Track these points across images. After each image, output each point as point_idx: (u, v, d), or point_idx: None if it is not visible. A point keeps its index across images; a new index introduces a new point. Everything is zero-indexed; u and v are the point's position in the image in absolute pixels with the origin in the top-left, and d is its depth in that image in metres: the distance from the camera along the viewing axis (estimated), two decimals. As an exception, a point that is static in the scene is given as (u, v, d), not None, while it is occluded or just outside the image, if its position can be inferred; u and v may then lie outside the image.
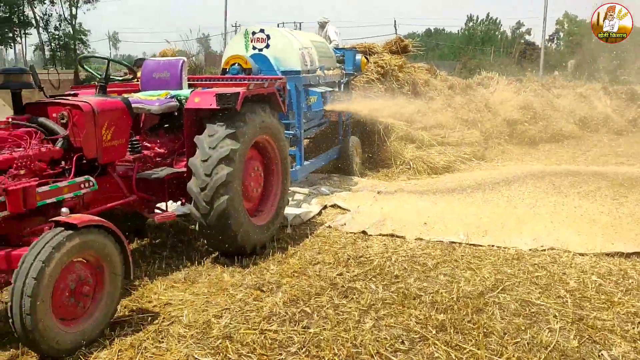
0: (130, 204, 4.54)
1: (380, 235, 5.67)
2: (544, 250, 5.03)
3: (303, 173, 7.29)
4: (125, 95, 5.03)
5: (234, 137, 4.62)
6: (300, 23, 8.83)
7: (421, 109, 9.76)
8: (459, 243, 5.32)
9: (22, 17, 51.03)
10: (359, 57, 8.78)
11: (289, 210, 6.06)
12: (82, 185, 3.83)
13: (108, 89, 5.10)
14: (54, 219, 3.25)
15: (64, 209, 3.26)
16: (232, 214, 4.61)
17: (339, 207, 6.81)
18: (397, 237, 5.59)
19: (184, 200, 5.08)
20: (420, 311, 3.80)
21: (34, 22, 51.80)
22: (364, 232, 5.74)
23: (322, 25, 10.08)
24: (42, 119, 3.93)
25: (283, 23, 8.65)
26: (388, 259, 4.91)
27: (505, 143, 11.10)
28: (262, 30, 7.08)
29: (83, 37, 56.67)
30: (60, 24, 53.59)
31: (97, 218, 3.38)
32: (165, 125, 5.21)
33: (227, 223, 4.62)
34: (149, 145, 5.05)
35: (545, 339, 3.40)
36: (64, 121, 3.94)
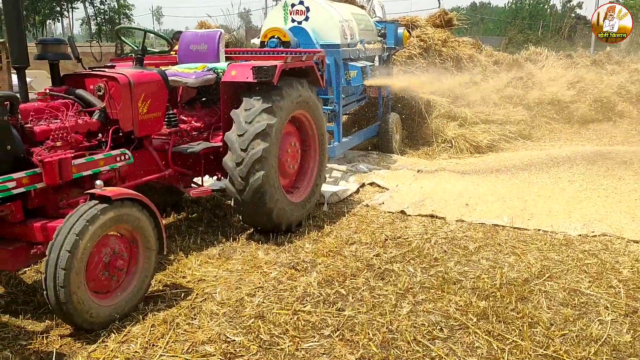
0: (166, 178, 4.50)
1: (419, 215, 5.49)
2: (595, 236, 4.76)
3: (341, 150, 7.14)
4: (163, 68, 4.98)
5: (270, 111, 4.50)
6: (340, -7, 8.49)
7: (465, 85, 9.40)
8: (503, 226, 5.09)
9: (68, -8, 52.14)
10: (400, 30, 8.47)
11: (326, 188, 5.94)
12: (118, 159, 3.80)
13: (146, 62, 5.06)
14: (88, 191, 3.22)
15: (98, 182, 3.23)
16: (267, 190, 4.52)
17: (378, 185, 6.65)
18: (437, 218, 5.40)
19: (219, 175, 5.01)
20: (461, 297, 3.63)
21: (80, -4, 52.87)
22: (402, 212, 5.57)
23: None
24: (79, 91, 3.90)
25: (324, -7, 8.35)
26: (427, 241, 4.74)
27: (553, 122, 10.59)
28: (301, 2, 6.87)
29: (127, 11, 57.61)
30: (105, -1, 54.58)
31: (131, 191, 3.33)
32: (203, 99, 5.13)
33: (262, 199, 4.53)
34: (185, 118, 4.98)
35: (596, 332, 3.19)
36: (101, 93, 3.90)
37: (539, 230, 4.96)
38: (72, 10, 54.00)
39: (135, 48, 4.54)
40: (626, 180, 5.88)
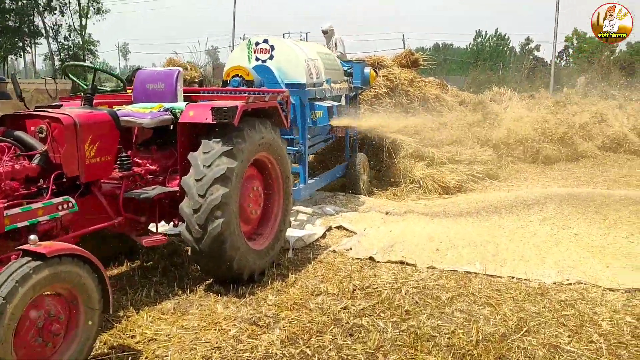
0: (117, 226, 4.15)
1: (388, 262, 5.24)
2: (570, 284, 4.58)
3: (307, 192, 6.89)
4: (116, 108, 4.69)
5: (231, 154, 4.23)
6: (307, 33, 8.40)
7: (432, 125, 9.36)
8: (475, 273, 4.89)
9: (32, 27, 51.38)
10: (367, 70, 8.40)
11: (291, 233, 5.65)
12: (60, 207, 3.45)
13: (99, 101, 4.77)
14: (21, 247, 2.85)
15: (31, 236, 2.86)
16: (227, 238, 4.21)
17: (345, 229, 6.40)
18: (408, 264, 5.16)
19: (176, 222, 4.68)
20: (435, 357, 3.36)
21: (43, 32, 52.15)
22: (371, 258, 5.32)
23: (326, 33, 9.70)
24: (18, 133, 3.57)
25: (289, 33, 8.27)
26: (398, 291, 4.48)
27: (519, 162, 10.67)
28: (265, 41, 6.72)
29: (92, 47, 57.01)
30: (69, 34, 53.99)
31: (70, 246, 2.99)
32: (159, 141, 4.83)
33: (221, 248, 4.22)
34: (140, 161, 4.66)
35: (581, 396, 2.96)
36: (43, 135, 3.58)
37: (512, 277, 4.77)
38: (35, 46, 53.13)
39: (85, 87, 4.25)
40: (597, 223, 5.80)
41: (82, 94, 4.30)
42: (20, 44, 51.42)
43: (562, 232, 5.72)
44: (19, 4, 49.54)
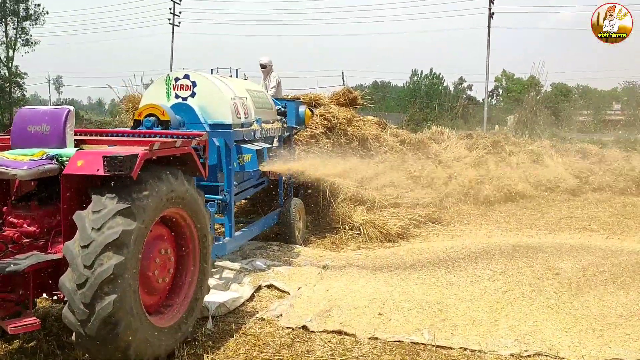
0: (-29, 309, 3.21)
1: (324, 331, 4.52)
2: (530, 356, 4.01)
3: (233, 246, 6.10)
4: (-14, 154, 3.79)
5: (128, 213, 3.42)
6: (237, 69, 7.75)
7: (371, 167, 8.85)
8: (424, 345, 4.24)
9: (-47, 58, 48.34)
10: (302, 109, 7.81)
11: (211, 297, 4.84)
12: None
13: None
14: None
15: None
16: (121, 320, 3.36)
17: (276, 288, 5.63)
18: (347, 334, 4.45)
19: (61, 296, 3.76)
20: None
21: (-35, 62, 49.16)
22: (304, 328, 4.58)
23: (265, 67, 9.10)
24: None
25: (217, 68, 7.59)
26: (334, 373, 3.75)
27: (460, 203, 10.29)
28: (186, 76, 5.98)
29: (19, 79, 54.22)
30: (-6, 66, 51.17)
31: None
32: (42, 195, 3.95)
33: (114, 332, 3.36)
34: (15, 221, 3.77)
35: None
36: None
37: (465, 349, 4.15)
38: (-43, 77, 49.82)
39: None
40: (549, 279, 5.32)
41: None
42: (-61, 74, 48.13)
43: (513, 289, 5.19)
44: (-61, 33, 46.65)
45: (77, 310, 3.32)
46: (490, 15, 37.74)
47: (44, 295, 3.88)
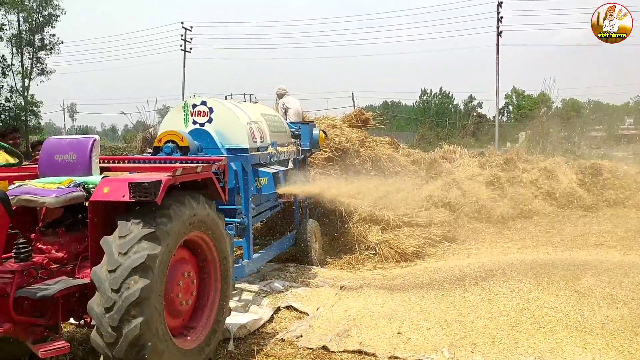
0: (5, 333, 3.31)
1: (345, 351, 4.56)
2: (551, 374, 4.02)
3: (252, 268, 6.17)
4: (16, 184, 3.94)
5: (153, 238, 3.53)
6: (250, 95, 7.95)
7: (385, 187, 8.92)
8: (444, 363, 4.26)
9: (-30, 88, 49.50)
10: (316, 131, 7.94)
11: (232, 319, 4.90)
12: None
13: (2, 175, 4.03)
14: None
15: None
16: (148, 342, 3.43)
17: (295, 309, 5.69)
18: (367, 354, 4.49)
19: (89, 320, 3.86)
20: None
21: (-17, 93, 50.25)
22: (324, 348, 4.62)
23: (280, 96, 9.30)
24: None
25: (231, 95, 7.77)
26: (356, 393, 3.79)
27: (475, 221, 10.29)
28: (203, 103, 6.15)
29: (35, 108, 55.29)
30: (11, 96, 52.26)
31: None
32: (69, 221, 4.08)
33: (141, 354, 3.42)
34: (44, 247, 3.89)
35: None
36: None
37: (486, 367, 4.16)
38: (-27, 107, 50.93)
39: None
40: (566, 295, 5.31)
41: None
42: (-44, 105, 49.24)
43: (532, 306, 5.19)
44: (-42, 64, 47.91)
45: (105, 334, 3.40)
46: (499, 34, 38.01)
47: (71, 319, 3.97)
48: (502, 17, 38.06)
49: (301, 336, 4.89)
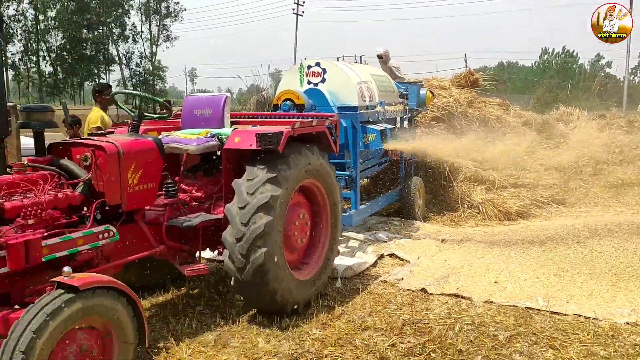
0: (159, 255, 4.10)
1: (442, 294, 4.93)
2: (646, 325, 4.11)
3: (358, 218, 6.68)
4: (165, 134, 4.70)
5: (275, 181, 4.11)
6: (361, 56, 8.29)
7: (492, 148, 8.93)
8: (537, 310, 4.49)
9: (106, 55, 54.53)
10: (423, 91, 8.15)
11: (340, 261, 5.46)
12: (101, 236, 3.43)
13: (149, 127, 4.81)
14: (54, 279, 2.82)
15: (65, 268, 2.83)
16: (270, 269, 4.06)
17: (397, 257, 6.13)
18: (463, 298, 4.83)
19: (221, 250, 4.60)
20: (489, 408, 3.04)
21: (117, 59, 55.18)
22: (423, 290, 5.02)
23: (381, 58, 9.52)
24: (64, 161, 3.60)
25: (343, 56, 8.16)
26: (451, 327, 4.17)
27: (588, 185, 9.96)
28: (317, 64, 6.63)
29: (161, 72, 59.73)
30: (141, 61, 56.86)
31: (104, 277, 2.93)
32: (205, 167, 4.80)
33: (264, 279, 4.07)
34: (186, 188, 4.65)
35: None
36: (87, 163, 3.58)
37: (579, 316, 4.34)
38: (109, 73, 56.17)
39: (132, 114, 4.28)
40: (677, 256, 5.22)
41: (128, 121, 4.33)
42: (96, 71, 54.60)
43: (636, 265, 5.19)
44: (95, 33, 52.75)
45: (236, 260, 4.08)
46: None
47: (207, 249, 4.73)
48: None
49: (402, 279, 5.33)
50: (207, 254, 5.18)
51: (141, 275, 4.70)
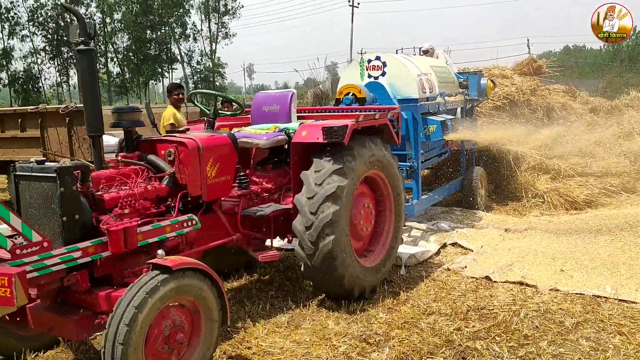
0: (235, 242, 4.41)
1: (506, 282, 5.00)
2: None
3: (420, 208, 6.80)
4: (236, 129, 5.01)
5: (341, 172, 4.32)
6: (419, 48, 8.33)
7: (557, 136, 8.77)
8: (605, 298, 4.49)
9: (169, 54, 56.54)
10: (484, 81, 8.13)
11: (403, 249, 5.61)
12: (185, 224, 3.75)
13: (221, 124, 5.13)
14: (150, 261, 3.15)
15: (159, 251, 3.16)
16: (338, 256, 4.29)
17: (460, 246, 6.21)
18: (528, 285, 4.88)
19: (290, 238, 4.86)
20: (555, 388, 3.14)
21: (179, 58, 57.11)
22: (487, 278, 5.10)
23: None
24: (150, 157, 3.95)
25: (402, 49, 8.25)
26: (516, 314, 4.25)
27: (662, 173, 9.58)
28: (377, 58, 6.79)
29: (221, 69, 61.31)
30: (201, 59, 58.57)
31: (192, 260, 3.23)
32: (274, 159, 5.08)
33: (332, 265, 4.30)
34: (257, 179, 4.94)
35: None
36: (171, 158, 3.93)
37: (649, 304, 4.31)
38: (172, 71, 58.22)
39: (207, 112, 4.60)
40: None
41: (205, 118, 4.66)
42: (159, 70, 56.76)
43: None
44: (158, 33, 54.80)
45: (306, 247, 4.33)
46: None
47: (277, 238, 5.01)
48: None
49: (465, 267, 5.42)
50: (276, 242, 5.46)
51: (217, 262, 5.04)
